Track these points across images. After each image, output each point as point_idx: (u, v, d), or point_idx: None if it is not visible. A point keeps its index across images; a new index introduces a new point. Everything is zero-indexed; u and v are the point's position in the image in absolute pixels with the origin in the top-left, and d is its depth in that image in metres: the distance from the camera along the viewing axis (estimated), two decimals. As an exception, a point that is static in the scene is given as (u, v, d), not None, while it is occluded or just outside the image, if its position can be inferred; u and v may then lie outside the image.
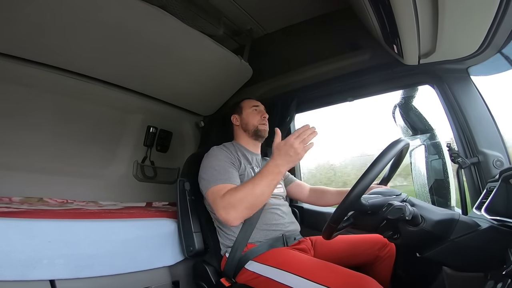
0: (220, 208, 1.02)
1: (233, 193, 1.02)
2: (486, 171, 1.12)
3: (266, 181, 1.00)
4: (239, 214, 1.01)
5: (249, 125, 1.36)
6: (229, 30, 1.65)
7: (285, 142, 0.99)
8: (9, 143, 1.45)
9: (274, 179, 1.01)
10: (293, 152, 0.97)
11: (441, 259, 0.81)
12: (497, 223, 0.77)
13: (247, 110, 1.39)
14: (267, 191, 1.02)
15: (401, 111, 1.48)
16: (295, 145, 0.96)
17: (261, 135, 1.36)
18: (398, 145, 0.84)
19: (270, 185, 1.01)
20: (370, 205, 0.80)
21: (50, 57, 1.34)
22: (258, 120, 1.36)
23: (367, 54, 1.47)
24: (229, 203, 1.01)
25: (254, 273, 1.03)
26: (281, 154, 0.99)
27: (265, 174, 1.01)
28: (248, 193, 1.00)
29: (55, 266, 0.97)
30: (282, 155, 0.99)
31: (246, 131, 1.37)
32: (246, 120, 1.37)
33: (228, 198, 1.02)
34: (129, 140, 1.94)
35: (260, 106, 1.42)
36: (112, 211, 1.40)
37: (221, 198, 1.03)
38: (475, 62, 1.15)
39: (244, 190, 1.01)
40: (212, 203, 1.08)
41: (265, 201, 1.06)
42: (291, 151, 0.97)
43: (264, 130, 1.37)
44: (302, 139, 0.96)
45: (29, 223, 0.96)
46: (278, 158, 1.00)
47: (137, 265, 1.19)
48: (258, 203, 1.04)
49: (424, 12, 0.86)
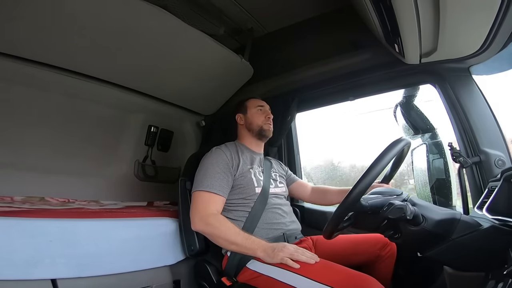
0: (197, 216, 1.12)
1: (218, 220, 1.10)
2: (488, 171, 1.12)
3: (243, 244, 1.04)
4: (203, 231, 1.13)
5: (254, 125, 1.37)
6: (230, 29, 1.65)
7: (285, 243, 1.03)
8: (10, 142, 1.45)
9: (247, 248, 1.04)
10: (279, 249, 0.98)
11: (442, 258, 0.81)
12: (499, 222, 0.77)
13: (252, 110, 1.39)
14: (235, 248, 1.06)
15: (403, 111, 1.47)
16: (288, 248, 0.99)
17: (265, 134, 1.37)
18: (399, 144, 0.83)
19: (240, 247, 1.05)
20: (370, 206, 0.80)
21: (50, 56, 1.34)
22: (263, 120, 1.37)
23: (368, 53, 1.46)
24: (207, 223, 1.10)
25: (255, 272, 1.03)
26: (272, 245, 1.02)
27: (250, 241, 1.04)
28: (226, 234, 1.06)
29: (56, 265, 0.97)
30: (271, 245, 1.02)
31: (250, 131, 1.38)
32: (251, 120, 1.38)
33: (211, 220, 1.10)
34: (130, 139, 1.94)
35: (265, 106, 1.43)
36: (113, 210, 1.41)
37: (206, 212, 1.11)
38: (477, 61, 1.15)
39: (226, 230, 1.07)
40: (193, 205, 1.15)
41: (224, 246, 1.12)
42: (280, 246, 1.00)
43: (269, 130, 1.38)
44: (297, 252, 0.97)
45: (30, 223, 0.97)
46: (266, 245, 1.02)
47: (138, 265, 1.19)
48: (221, 242, 1.09)
49: (425, 11, 0.85)
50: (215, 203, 1.14)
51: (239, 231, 1.07)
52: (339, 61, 1.56)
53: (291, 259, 0.95)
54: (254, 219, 1.17)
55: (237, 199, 1.21)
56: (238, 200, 1.21)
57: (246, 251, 1.04)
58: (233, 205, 1.21)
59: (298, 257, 0.95)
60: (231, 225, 1.09)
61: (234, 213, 1.20)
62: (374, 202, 0.81)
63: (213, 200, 1.14)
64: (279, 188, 1.34)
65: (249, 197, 1.21)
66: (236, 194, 1.21)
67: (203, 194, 1.14)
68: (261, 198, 1.21)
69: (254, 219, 1.17)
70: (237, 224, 1.15)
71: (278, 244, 1.01)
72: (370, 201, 0.81)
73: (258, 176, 1.27)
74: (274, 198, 1.26)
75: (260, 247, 1.02)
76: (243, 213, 1.19)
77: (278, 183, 1.35)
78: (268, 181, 1.29)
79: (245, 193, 1.21)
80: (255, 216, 1.17)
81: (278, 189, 1.32)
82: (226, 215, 1.19)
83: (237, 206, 1.20)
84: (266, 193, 1.24)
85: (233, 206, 1.21)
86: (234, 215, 1.19)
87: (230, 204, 1.21)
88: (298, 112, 1.83)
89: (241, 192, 1.21)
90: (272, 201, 1.23)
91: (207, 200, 1.14)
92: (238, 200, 1.21)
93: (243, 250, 1.05)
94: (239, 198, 1.21)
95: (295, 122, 1.93)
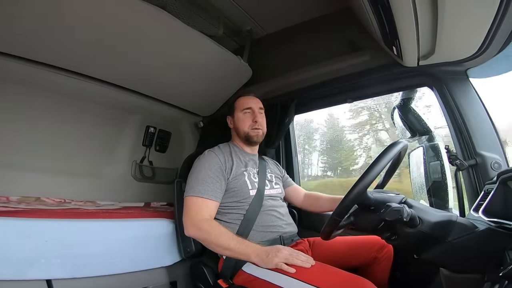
0: (190, 222, 1.10)
1: (210, 226, 1.08)
2: (484, 173, 1.12)
3: (236, 249, 1.02)
4: (196, 237, 1.12)
5: (239, 130, 1.33)
6: (228, 30, 1.65)
7: (279, 247, 1.00)
8: (6, 142, 1.44)
9: (240, 253, 1.02)
10: (274, 254, 0.97)
11: (438, 260, 0.82)
12: (494, 225, 0.77)
13: (238, 114, 1.34)
14: (228, 253, 1.05)
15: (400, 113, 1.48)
16: (282, 252, 0.97)
17: (252, 141, 1.32)
18: (397, 146, 0.84)
19: (234, 252, 1.03)
20: (374, 199, 0.80)
21: (49, 57, 1.34)
22: (249, 125, 1.31)
23: (367, 55, 1.47)
24: (200, 228, 1.08)
25: (251, 275, 1.02)
26: (266, 249, 1.00)
27: (243, 246, 1.02)
28: (219, 240, 1.05)
29: (52, 265, 0.97)
30: (265, 249, 1.00)
31: (238, 136, 1.35)
32: (237, 125, 1.34)
33: (204, 225, 1.08)
34: (128, 140, 1.93)
35: (253, 106, 1.34)
36: (110, 211, 1.40)
37: (198, 217, 1.09)
38: (474, 64, 1.15)
39: (218, 235, 1.05)
40: (185, 211, 1.14)
41: (218, 251, 1.11)
42: (274, 250, 0.98)
43: (256, 135, 1.31)
44: (291, 256, 0.95)
45: (26, 223, 0.96)
46: (260, 249, 1.00)
47: (135, 265, 1.18)
48: (214, 247, 1.08)
49: (423, 14, 0.86)
50: (208, 208, 1.13)
51: (233, 235, 1.05)
52: (338, 63, 1.56)
53: (286, 264, 0.94)
54: (249, 222, 1.16)
55: (231, 202, 1.19)
56: (232, 203, 1.19)
57: (240, 256, 1.03)
58: (227, 208, 1.19)
59: (293, 261, 0.94)
60: (224, 230, 1.07)
61: (228, 216, 1.19)
62: (378, 196, 0.81)
63: (205, 205, 1.12)
64: (275, 189, 1.32)
65: (243, 200, 1.19)
66: (230, 197, 1.20)
67: (195, 200, 1.13)
68: (256, 201, 1.20)
69: (249, 222, 1.16)
70: (232, 227, 1.14)
71: (272, 248, 0.99)
72: (375, 194, 0.81)
73: (253, 178, 1.25)
74: (269, 200, 1.24)
75: (254, 252, 1.00)
76: (237, 216, 1.18)
77: (273, 184, 1.33)
78: (263, 183, 1.27)
79: (239, 196, 1.19)
80: (250, 219, 1.16)
81: (274, 190, 1.31)
82: (221, 218, 1.18)
83: (232, 209, 1.19)
84: (261, 195, 1.22)
85: (228, 209, 1.19)
86: (228, 218, 1.18)
87: (224, 207, 1.19)
88: (296, 114, 1.83)
89: (235, 195, 1.19)
90: (267, 203, 1.22)
91: (200, 206, 1.12)
92: (232, 203, 1.19)
93: (237, 256, 1.03)
94: (233, 201, 1.19)
95: (293, 124, 1.93)
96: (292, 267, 0.93)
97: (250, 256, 1.00)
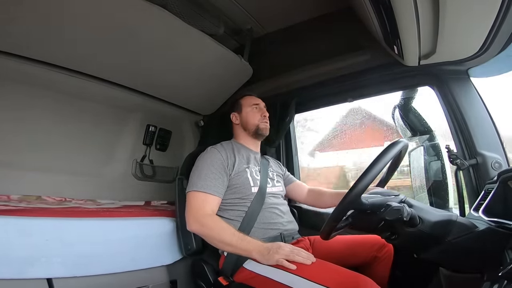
0: (192, 217, 1.11)
1: (212, 221, 1.09)
2: (485, 173, 1.12)
3: (238, 245, 1.03)
4: (198, 232, 1.13)
5: (249, 124, 1.36)
6: (229, 29, 1.65)
7: (280, 244, 1.01)
8: (7, 141, 1.44)
9: (242, 249, 1.03)
10: (274, 250, 0.97)
11: (438, 260, 0.82)
12: (495, 224, 0.77)
13: (247, 109, 1.38)
14: (230, 249, 1.06)
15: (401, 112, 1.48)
16: (283, 248, 0.97)
17: (262, 133, 1.36)
18: (398, 145, 0.84)
19: (235, 248, 1.04)
20: (370, 204, 0.80)
21: (49, 55, 1.34)
22: (259, 118, 1.36)
23: (367, 54, 1.46)
24: (202, 224, 1.09)
25: (252, 272, 1.03)
26: (267, 246, 1.00)
27: (245, 242, 1.03)
28: (221, 235, 1.06)
29: (52, 264, 0.97)
30: (266, 246, 1.00)
31: (246, 130, 1.37)
32: (246, 119, 1.37)
33: (206, 220, 1.09)
34: (129, 138, 1.93)
35: (260, 103, 1.41)
36: (110, 209, 1.40)
37: (200, 212, 1.10)
38: (475, 64, 1.15)
39: (220, 231, 1.06)
40: (188, 206, 1.14)
41: (219, 247, 1.11)
42: (275, 247, 0.98)
43: (265, 128, 1.36)
44: (292, 253, 0.96)
45: (27, 221, 0.96)
46: (262, 246, 1.01)
47: (135, 264, 1.19)
48: (216, 243, 1.09)
49: (424, 13, 0.86)
50: (210, 204, 1.14)
51: (234, 231, 1.06)
52: (338, 62, 1.55)
53: (287, 260, 0.94)
54: (251, 219, 1.16)
55: (233, 198, 1.20)
56: (235, 200, 1.20)
57: (241, 253, 1.04)
58: (229, 205, 1.20)
59: (294, 258, 0.94)
60: (226, 226, 1.08)
61: (230, 213, 1.19)
62: (374, 201, 0.81)
63: (208, 201, 1.13)
64: (276, 187, 1.33)
65: (245, 196, 1.20)
66: (232, 194, 1.21)
67: (197, 195, 1.14)
68: (258, 198, 1.21)
69: (251, 219, 1.17)
70: (234, 224, 1.15)
71: (273, 245, 1.00)
72: (370, 199, 0.81)
73: (255, 175, 1.26)
74: (271, 197, 1.25)
75: (255, 249, 1.01)
76: (239, 213, 1.18)
77: (275, 182, 1.34)
78: (265, 180, 1.28)
79: (241, 193, 1.20)
80: (252, 216, 1.17)
81: (275, 188, 1.32)
82: (222, 215, 1.19)
83: (234, 205, 1.20)
84: (263, 192, 1.23)
85: (230, 206, 1.20)
86: (230, 215, 1.19)
87: (226, 204, 1.20)
88: (296, 113, 1.83)
89: (237, 192, 1.20)
90: (269, 201, 1.23)
91: (202, 201, 1.13)
92: (234, 199, 1.20)
93: (238, 252, 1.04)
94: (235, 197, 1.20)
95: (294, 123, 1.93)
96: (293, 264, 0.93)
97: (252, 253, 1.01)
